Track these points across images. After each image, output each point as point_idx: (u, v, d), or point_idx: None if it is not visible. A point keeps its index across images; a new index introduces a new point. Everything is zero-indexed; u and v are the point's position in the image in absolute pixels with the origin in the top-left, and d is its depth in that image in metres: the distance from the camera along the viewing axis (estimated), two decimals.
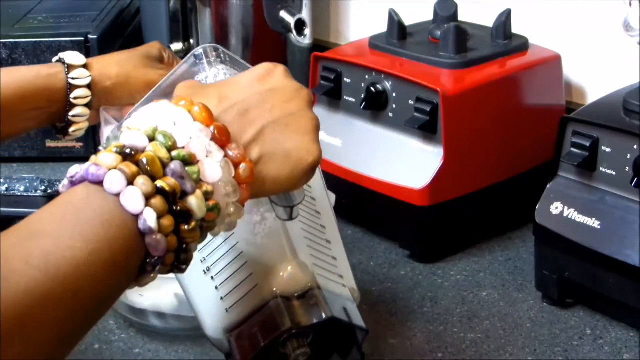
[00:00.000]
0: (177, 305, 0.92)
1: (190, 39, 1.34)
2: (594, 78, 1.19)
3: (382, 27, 1.16)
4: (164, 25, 1.34)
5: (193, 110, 0.64)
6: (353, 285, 0.81)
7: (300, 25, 1.32)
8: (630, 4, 0.96)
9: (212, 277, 0.76)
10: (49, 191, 1.12)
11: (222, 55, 0.78)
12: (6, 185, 1.13)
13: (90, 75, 0.94)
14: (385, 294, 1.02)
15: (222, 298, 0.75)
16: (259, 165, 0.66)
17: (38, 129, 1.24)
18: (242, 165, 0.64)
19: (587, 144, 0.94)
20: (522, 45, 1.14)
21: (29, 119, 0.92)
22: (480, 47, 1.11)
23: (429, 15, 1.18)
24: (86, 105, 0.94)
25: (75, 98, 0.93)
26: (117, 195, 0.58)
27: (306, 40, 1.34)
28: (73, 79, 0.93)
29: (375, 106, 1.09)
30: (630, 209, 0.91)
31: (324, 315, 0.73)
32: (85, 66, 0.94)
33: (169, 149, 0.61)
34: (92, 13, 1.38)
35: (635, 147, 0.91)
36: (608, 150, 0.93)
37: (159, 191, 0.59)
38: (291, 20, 1.31)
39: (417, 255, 1.08)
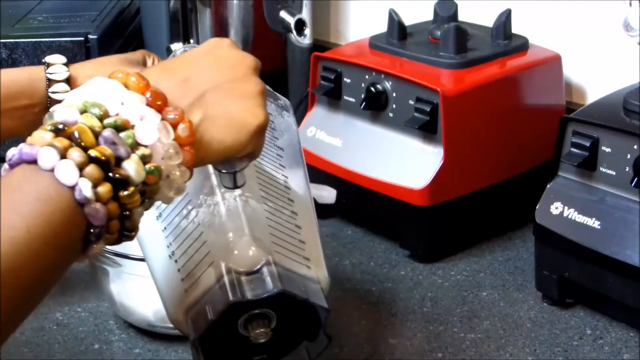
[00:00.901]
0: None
1: (190, 39, 1.34)
2: (594, 78, 1.19)
3: (382, 27, 1.16)
4: (164, 25, 1.34)
5: (129, 81, 0.64)
6: (323, 270, 0.80)
7: (300, 25, 1.32)
8: (630, 4, 0.96)
9: (175, 261, 0.76)
10: None
11: None
12: None
13: (68, 71, 0.95)
14: (385, 294, 1.02)
15: (182, 279, 0.75)
16: (202, 128, 0.66)
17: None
18: (181, 126, 0.64)
19: (587, 144, 0.94)
20: (522, 45, 1.14)
21: (14, 117, 0.93)
22: (480, 47, 1.11)
23: (429, 15, 1.18)
24: None
25: (54, 92, 0.94)
26: (52, 170, 0.59)
27: (306, 40, 1.34)
28: (51, 73, 0.94)
29: (375, 106, 1.09)
30: (630, 209, 0.91)
31: (273, 289, 0.71)
32: (65, 65, 0.96)
33: (101, 119, 0.61)
34: (92, 13, 1.38)
35: (635, 147, 0.91)
36: (608, 150, 0.93)
37: (93, 160, 0.59)
38: (291, 20, 1.31)
39: (417, 255, 1.08)
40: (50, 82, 0.94)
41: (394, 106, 1.08)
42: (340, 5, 1.45)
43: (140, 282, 0.91)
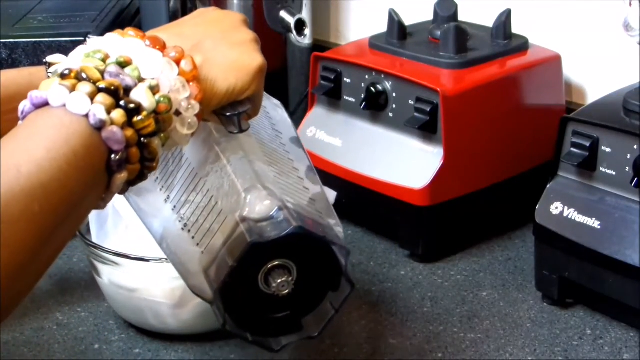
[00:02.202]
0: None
1: None
2: (594, 78, 1.19)
3: (382, 27, 1.16)
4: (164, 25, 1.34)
5: (127, 34, 0.67)
6: (337, 221, 0.79)
7: (300, 25, 1.32)
8: (630, 4, 0.96)
9: (189, 231, 0.77)
10: None
11: None
12: None
13: None
14: (385, 294, 1.02)
15: (197, 244, 0.75)
16: (204, 69, 0.69)
17: None
18: (183, 61, 0.67)
19: (587, 144, 0.94)
20: (522, 45, 1.14)
21: (15, 120, 0.93)
22: (480, 47, 1.11)
23: (429, 15, 1.18)
24: None
25: None
26: (64, 106, 0.60)
27: (306, 40, 1.34)
28: (52, 73, 0.94)
29: (375, 106, 1.09)
30: (630, 209, 0.91)
31: (290, 227, 0.71)
32: None
33: (103, 60, 0.64)
34: (92, 13, 1.38)
35: (635, 147, 0.91)
36: (608, 150, 0.93)
37: (102, 90, 0.61)
38: (291, 20, 1.31)
39: (417, 255, 1.08)
40: None
41: (394, 106, 1.08)
42: (340, 5, 1.45)
43: (140, 281, 0.92)
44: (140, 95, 0.63)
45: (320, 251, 0.73)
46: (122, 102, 0.62)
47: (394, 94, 1.08)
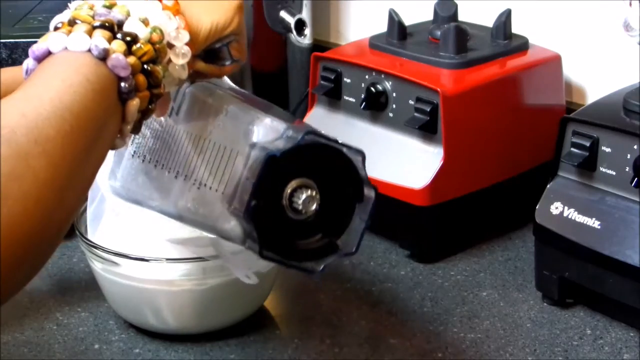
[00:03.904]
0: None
1: None
2: (594, 78, 1.19)
3: (382, 27, 1.16)
4: None
5: None
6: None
7: (300, 25, 1.32)
8: (630, 4, 0.96)
9: (204, 185, 0.77)
10: None
11: None
12: None
13: None
14: (385, 294, 1.02)
15: (216, 190, 0.76)
16: (187, 7, 0.73)
17: None
18: None
19: (587, 144, 0.94)
20: (522, 45, 1.14)
21: None
22: (480, 47, 1.11)
23: (429, 15, 1.18)
24: None
25: None
26: (66, 49, 0.64)
27: (306, 40, 1.34)
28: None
29: (375, 106, 1.09)
30: (630, 209, 0.91)
31: (305, 136, 0.71)
32: None
33: (90, 9, 0.68)
34: None
35: (635, 147, 0.91)
36: (608, 150, 0.93)
37: (97, 27, 0.66)
38: (291, 20, 1.31)
39: (417, 255, 1.08)
40: None
41: (394, 106, 1.08)
42: (340, 5, 1.45)
43: (140, 281, 0.92)
44: (134, 26, 0.68)
45: (336, 159, 0.73)
46: (118, 35, 0.66)
47: (394, 94, 1.08)
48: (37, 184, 0.58)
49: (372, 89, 1.08)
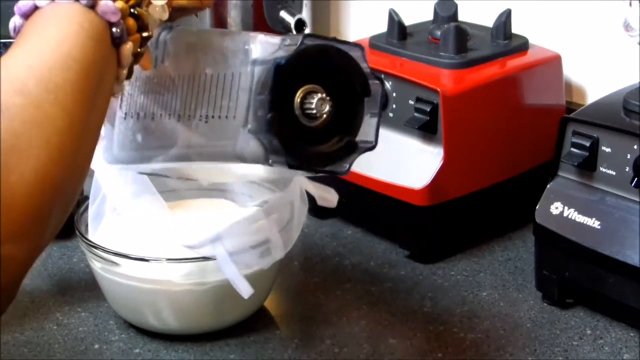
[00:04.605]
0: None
1: None
2: (594, 78, 1.19)
3: (382, 27, 1.16)
4: None
5: None
6: None
7: (300, 25, 1.32)
8: (630, 4, 0.96)
9: (212, 117, 0.77)
10: None
11: None
12: None
13: None
14: (385, 294, 1.02)
15: (226, 117, 0.76)
16: None
17: None
18: None
19: (587, 144, 0.94)
20: (522, 45, 1.14)
21: None
22: (480, 47, 1.11)
23: (429, 15, 1.18)
24: None
25: None
26: (52, 1, 0.65)
27: None
28: None
29: None
30: (630, 209, 0.91)
31: (304, 40, 0.72)
32: None
33: None
34: None
35: (635, 147, 0.91)
36: (608, 150, 0.93)
37: None
38: (291, 20, 1.31)
39: (417, 255, 1.08)
40: None
41: (394, 106, 1.08)
42: (340, 5, 1.45)
43: (140, 281, 0.92)
44: None
45: (337, 58, 0.73)
46: None
47: (394, 94, 1.08)
48: (56, 131, 0.60)
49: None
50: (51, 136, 0.59)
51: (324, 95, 0.72)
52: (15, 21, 0.66)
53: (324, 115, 0.73)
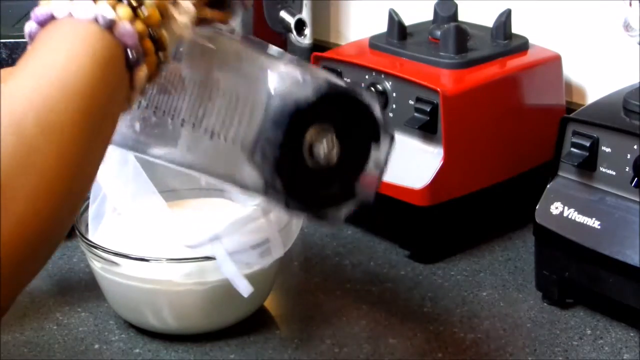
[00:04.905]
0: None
1: None
2: (594, 78, 1.19)
3: (382, 27, 1.16)
4: None
5: None
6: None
7: (300, 25, 1.32)
8: (630, 4, 0.96)
9: (218, 136, 0.76)
10: None
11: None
12: None
13: None
14: (385, 294, 1.02)
15: (232, 141, 0.74)
16: None
17: None
18: None
19: (587, 144, 0.94)
20: (522, 45, 1.14)
21: None
22: (480, 47, 1.11)
23: (429, 15, 1.18)
24: None
25: None
26: (71, 15, 0.62)
27: (306, 40, 1.34)
28: None
29: None
30: (630, 209, 0.91)
31: (327, 85, 0.71)
32: None
33: None
34: None
35: (635, 147, 0.91)
36: (608, 150, 0.93)
37: None
38: (291, 20, 1.31)
39: (417, 255, 1.08)
40: None
41: (394, 106, 1.08)
42: (340, 5, 1.45)
43: (140, 281, 0.92)
44: None
45: (353, 104, 0.73)
46: (123, 0, 0.64)
47: (394, 94, 1.08)
48: (46, 177, 0.55)
49: (372, 88, 1.08)
50: (40, 183, 0.55)
51: (333, 137, 0.71)
52: (31, 27, 0.63)
53: (331, 159, 0.72)
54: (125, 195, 0.92)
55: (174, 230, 0.90)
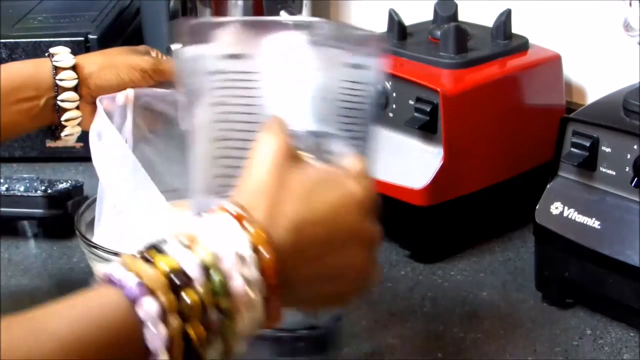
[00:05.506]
0: None
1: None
2: (594, 78, 1.19)
3: (382, 27, 1.16)
4: (164, 25, 1.34)
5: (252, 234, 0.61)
6: None
7: None
8: (630, 4, 0.96)
9: None
10: (49, 191, 1.12)
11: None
12: (6, 185, 1.13)
13: (74, 58, 0.95)
14: (385, 294, 1.02)
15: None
16: (294, 270, 0.63)
17: (38, 130, 1.25)
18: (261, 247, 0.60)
19: (587, 144, 0.94)
20: (522, 45, 1.14)
21: (21, 111, 0.93)
22: (480, 47, 1.11)
23: (429, 15, 1.18)
24: (75, 90, 0.95)
25: (61, 80, 0.94)
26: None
27: None
28: (57, 61, 0.94)
29: None
30: (630, 209, 0.91)
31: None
32: (71, 54, 0.96)
33: (215, 293, 0.57)
34: (92, 13, 1.38)
35: (635, 147, 0.91)
36: (608, 150, 0.93)
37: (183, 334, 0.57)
38: None
39: (417, 255, 1.08)
40: (57, 69, 0.94)
41: (394, 106, 1.08)
42: (340, 5, 1.45)
43: None
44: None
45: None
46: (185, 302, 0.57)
47: (394, 94, 1.08)
48: None
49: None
50: None
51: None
52: (99, 276, 0.62)
53: None
54: (125, 192, 0.92)
55: (173, 230, 0.90)
